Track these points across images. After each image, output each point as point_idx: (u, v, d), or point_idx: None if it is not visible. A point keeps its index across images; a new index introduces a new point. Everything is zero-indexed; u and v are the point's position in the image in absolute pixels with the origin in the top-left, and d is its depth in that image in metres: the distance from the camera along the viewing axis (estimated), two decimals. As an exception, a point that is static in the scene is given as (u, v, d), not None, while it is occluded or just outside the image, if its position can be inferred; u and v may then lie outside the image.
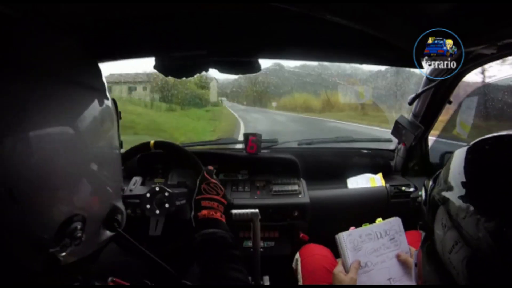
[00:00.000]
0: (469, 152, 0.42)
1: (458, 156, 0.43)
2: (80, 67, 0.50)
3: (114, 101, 0.56)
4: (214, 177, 0.90)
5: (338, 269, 0.88)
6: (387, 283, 0.86)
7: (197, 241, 0.72)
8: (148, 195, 1.07)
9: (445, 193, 0.41)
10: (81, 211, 0.44)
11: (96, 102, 0.49)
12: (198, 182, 0.87)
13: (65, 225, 0.41)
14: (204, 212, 0.79)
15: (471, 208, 0.35)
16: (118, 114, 0.57)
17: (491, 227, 0.32)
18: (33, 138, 0.38)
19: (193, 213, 0.80)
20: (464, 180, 0.39)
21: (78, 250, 0.45)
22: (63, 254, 0.42)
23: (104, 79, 0.54)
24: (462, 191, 0.38)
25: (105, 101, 0.51)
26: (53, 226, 0.40)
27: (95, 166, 0.47)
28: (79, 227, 0.43)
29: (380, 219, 0.95)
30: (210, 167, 0.92)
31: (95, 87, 0.51)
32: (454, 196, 0.39)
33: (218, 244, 0.71)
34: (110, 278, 0.57)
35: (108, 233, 0.54)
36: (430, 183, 0.49)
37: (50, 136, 0.40)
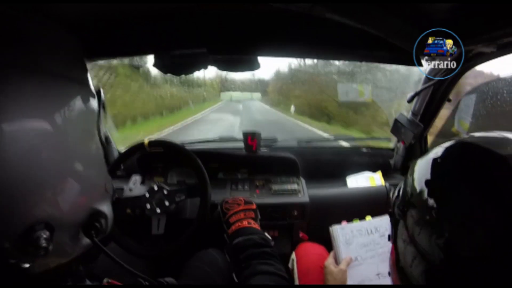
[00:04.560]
0: (421, 166, 0.43)
1: (415, 169, 0.44)
2: (63, 61, 0.47)
3: (99, 92, 0.52)
4: (229, 197, 0.97)
5: (329, 261, 0.92)
6: (376, 278, 0.89)
7: (229, 254, 0.78)
8: (147, 195, 1.07)
9: (403, 208, 0.43)
10: (50, 218, 0.40)
11: (78, 97, 0.45)
12: (219, 207, 0.94)
13: (27, 233, 0.38)
14: (233, 227, 0.85)
15: (424, 224, 0.37)
16: (103, 105, 0.53)
17: (441, 243, 0.34)
18: (4, 134, 0.34)
19: (225, 234, 0.87)
20: (416, 196, 0.40)
21: (53, 256, 0.42)
22: (27, 265, 0.39)
23: (88, 73, 0.51)
24: (416, 208, 0.40)
25: (89, 97, 0.48)
26: (12, 235, 0.37)
27: (71, 167, 0.43)
28: (44, 236, 0.39)
29: (369, 216, 0.97)
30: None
31: (79, 81, 0.48)
32: (409, 212, 0.41)
33: (244, 248, 0.75)
34: (105, 279, 0.57)
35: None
36: (395, 194, 0.50)
37: (22, 132, 0.36)
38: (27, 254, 0.38)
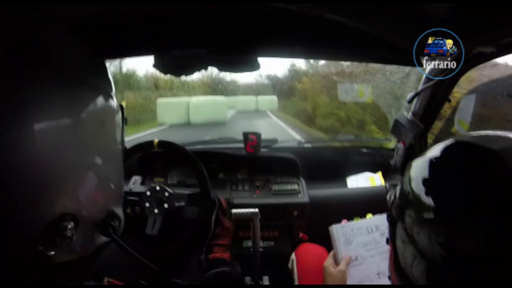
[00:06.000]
0: (417, 166, 0.43)
1: (412, 169, 0.44)
2: (87, 66, 0.50)
3: (121, 107, 0.55)
4: (228, 214, 1.00)
5: (328, 262, 0.91)
6: (376, 277, 0.89)
7: (211, 277, 0.84)
8: (148, 193, 1.07)
9: (400, 208, 0.43)
10: (75, 210, 0.43)
11: (101, 101, 0.48)
12: (213, 221, 0.97)
13: (55, 223, 0.40)
14: (214, 255, 0.91)
15: (423, 223, 0.37)
16: (124, 120, 0.56)
17: (441, 240, 0.35)
18: (36, 129, 0.37)
19: (204, 255, 0.92)
20: (415, 196, 0.40)
21: (70, 250, 0.44)
22: (52, 252, 0.41)
23: (111, 80, 0.54)
24: (414, 207, 0.40)
25: (111, 102, 0.51)
26: (43, 223, 0.39)
27: (97, 165, 0.46)
28: (69, 226, 0.42)
29: (370, 214, 0.97)
30: (224, 201, 1.02)
31: (100, 87, 0.50)
32: (408, 211, 0.41)
33: (228, 279, 0.83)
34: (106, 279, 0.57)
35: (104, 238, 0.52)
36: (391, 196, 0.49)
37: (53, 129, 0.39)
38: (53, 242, 0.41)
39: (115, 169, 0.53)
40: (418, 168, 0.43)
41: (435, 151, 0.42)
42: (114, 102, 0.52)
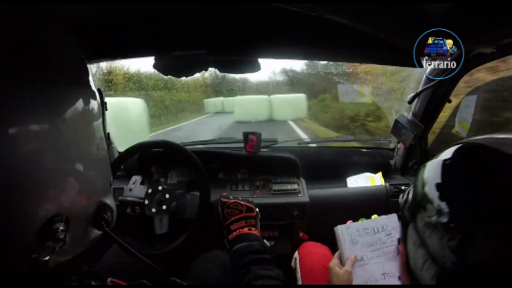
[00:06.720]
0: (431, 168, 0.42)
1: (425, 172, 0.43)
2: (66, 64, 0.48)
3: (100, 91, 0.54)
4: (230, 197, 0.94)
5: (334, 262, 0.91)
6: (381, 277, 0.89)
7: (230, 258, 0.80)
8: (146, 202, 1.07)
9: (413, 210, 0.42)
10: (64, 211, 0.42)
11: (80, 100, 0.47)
12: (219, 209, 0.92)
13: (45, 227, 0.39)
14: (234, 234, 0.86)
15: (435, 226, 0.36)
16: (103, 105, 0.55)
17: (453, 245, 0.33)
18: (14, 135, 0.36)
19: (225, 239, 0.88)
20: (427, 198, 0.39)
21: (65, 250, 0.43)
22: (47, 258, 0.40)
23: (90, 75, 0.52)
24: (426, 210, 0.39)
25: (90, 99, 0.50)
26: (32, 229, 0.38)
27: (80, 163, 0.45)
28: (61, 228, 0.41)
29: (375, 215, 0.96)
30: (224, 194, 0.96)
31: (81, 83, 0.49)
32: (420, 214, 0.40)
33: (244, 254, 0.77)
34: (109, 279, 0.57)
35: (98, 232, 0.52)
36: (404, 197, 0.49)
37: (31, 133, 0.38)
38: (46, 247, 0.40)
39: (102, 160, 0.52)
40: (432, 170, 0.42)
41: (449, 153, 0.41)
42: (94, 98, 0.52)
